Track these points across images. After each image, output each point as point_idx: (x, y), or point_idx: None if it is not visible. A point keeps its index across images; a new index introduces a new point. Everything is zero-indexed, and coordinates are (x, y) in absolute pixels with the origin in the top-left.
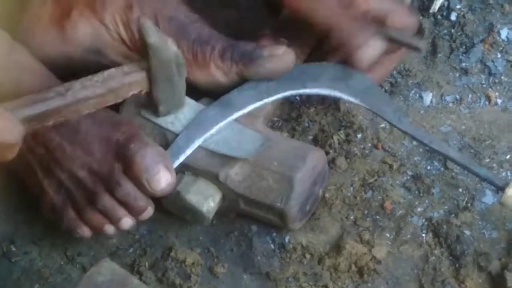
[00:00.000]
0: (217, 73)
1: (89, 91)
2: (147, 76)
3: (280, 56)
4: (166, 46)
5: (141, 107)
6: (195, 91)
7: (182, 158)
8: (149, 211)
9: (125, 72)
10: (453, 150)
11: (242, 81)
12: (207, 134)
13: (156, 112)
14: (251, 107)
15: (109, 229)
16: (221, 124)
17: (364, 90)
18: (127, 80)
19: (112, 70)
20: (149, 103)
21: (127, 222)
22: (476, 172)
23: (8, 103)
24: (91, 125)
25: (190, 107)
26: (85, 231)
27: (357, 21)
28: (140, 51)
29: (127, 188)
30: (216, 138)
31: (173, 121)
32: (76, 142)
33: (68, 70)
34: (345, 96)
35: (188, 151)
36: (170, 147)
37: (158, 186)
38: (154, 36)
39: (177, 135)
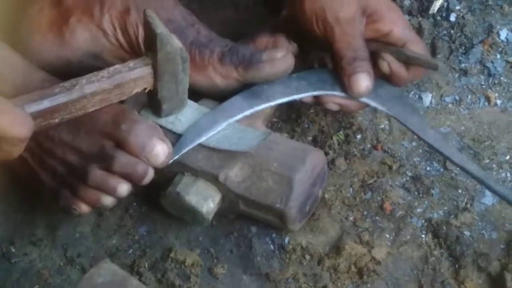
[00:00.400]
0: (215, 76)
1: (96, 85)
2: (152, 71)
3: (280, 59)
4: (172, 38)
5: (141, 107)
6: (194, 93)
7: (203, 138)
8: (150, 174)
9: (131, 67)
10: (472, 165)
11: (240, 86)
12: (231, 120)
13: (158, 112)
14: (278, 101)
15: (107, 200)
16: (247, 112)
17: (392, 99)
18: (133, 75)
19: (118, 65)
20: (152, 102)
21: (123, 188)
22: (494, 189)
23: (14, 99)
24: None
25: (191, 108)
26: (82, 208)
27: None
28: (144, 46)
29: (123, 159)
30: (217, 136)
31: (174, 121)
32: (62, 130)
33: (66, 76)
34: (373, 103)
35: (211, 132)
36: (193, 125)
37: (158, 160)
38: (161, 27)
39: (179, 135)
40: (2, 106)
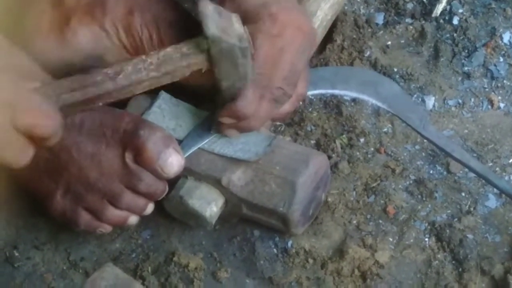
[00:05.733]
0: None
1: (143, 74)
2: (207, 58)
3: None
4: (228, 33)
5: (143, 111)
6: (196, 95)
7: (206, 141)
8: (166, 191)
9: (183, 54)
10: (474, 160)
11: None
12: None
13: (219, 87)
14: None
15: (133, 219)
16: None
17: (392, 96)
18: (185, 63)
19: (169, 50)
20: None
21: (151, 207)
22: (496, 184)
23: (49, 85)
24: (93, 123)
25: (191, 112)
26: (107, 228)
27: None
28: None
29: (148, 180)
30: (220, 141)
31: (175, 128)
32: (81, 143)
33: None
34: (373, 100)
35: (213, 134)
36: (195, 128)
37: (172, 170)
38: (213, 27)
39: (180, 141)
40: (28, 100)
